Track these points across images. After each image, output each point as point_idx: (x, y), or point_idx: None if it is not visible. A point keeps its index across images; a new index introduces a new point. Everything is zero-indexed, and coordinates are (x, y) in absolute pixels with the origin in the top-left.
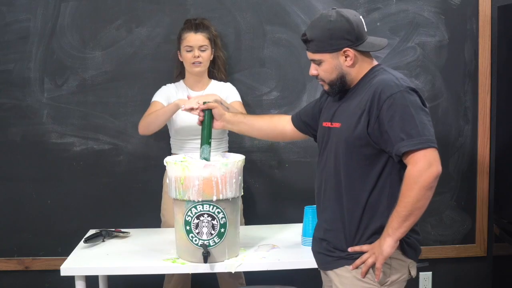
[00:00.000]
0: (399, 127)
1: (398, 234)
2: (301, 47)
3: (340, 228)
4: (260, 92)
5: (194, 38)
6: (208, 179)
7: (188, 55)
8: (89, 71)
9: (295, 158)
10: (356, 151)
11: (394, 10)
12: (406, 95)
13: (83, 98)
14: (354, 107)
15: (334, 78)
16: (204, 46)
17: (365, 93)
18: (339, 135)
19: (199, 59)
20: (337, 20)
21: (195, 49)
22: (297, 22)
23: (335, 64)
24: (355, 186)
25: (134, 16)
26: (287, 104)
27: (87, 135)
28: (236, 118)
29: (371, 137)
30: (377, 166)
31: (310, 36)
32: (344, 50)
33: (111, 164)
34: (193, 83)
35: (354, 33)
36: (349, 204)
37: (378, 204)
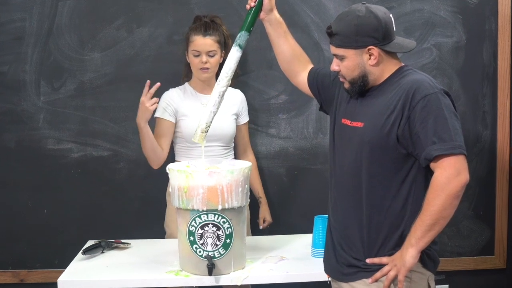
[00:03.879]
0: (432, 129)
1: (421, 244)
2: (310, 48)
3: (357, 236)
4: (268, 95)
5: (202, 43)
6: (213, 188)
7: (195, 60)
8: (88, 74)
9: (305, 165)
10: (381, 153)
11: (408, 9)
12: (441, 97)
13: (81, 102)
14: (381, 107)
15: (356, 76)
16: (213, 51)
17: (393, 93)
18: (361, 136)
19: (206, 65)
20: (366, 16)
21: (202, 55)
22: (306, 22)
23: (358, 62)
24: (377, 191)
25: (135, 15)
26: (296, 108)
27: (85, 141)
28: (282, 23)
29: (400, 139)
30: (402, 170)
31: (335, 30)
32: (369, 48)
33: (111, 172)
34: (201, 87)
35: (381, 32)
36: (369, 211)
37: (401, 211)
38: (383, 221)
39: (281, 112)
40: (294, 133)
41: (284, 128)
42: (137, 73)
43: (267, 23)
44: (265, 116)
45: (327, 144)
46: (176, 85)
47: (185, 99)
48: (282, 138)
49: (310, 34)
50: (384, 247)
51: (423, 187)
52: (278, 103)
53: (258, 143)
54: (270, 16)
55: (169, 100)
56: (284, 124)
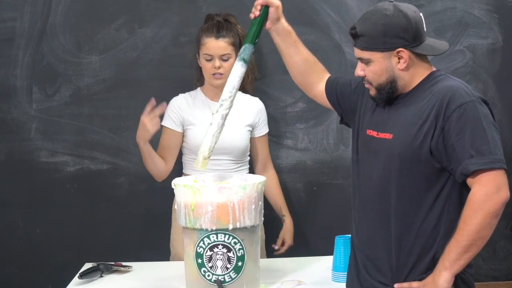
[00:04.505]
0: (469, 141)
1: (456, 267)
2: (331, 50)
3: (385, 259)
4: (284, 103)
5: (215, 46)
6: (223, 205)
7: (208, 65)
8: (85, 79)
9: (325, 180)
10: (412, 168)
11: (439, 8)
12: (478, 106)
13: (77, 110)
14: (412, 116)
15: (383, 81)
16: (227, 54)
17: (425, 101)
18: (390, 148)
19: (220, 70)
20: (394, 15)
21: (215, 59)
22: (326, 22)
23: (386, 66)
24: (407, 209)
25: (137, 14)
26: (315, 117)
27: (82, 153)
28: (291, 32)
29: (433, 152)
30: (435, 186)
31: (360, 30)
32: (398, 50)
33: (111, 187)
34: (213, 93)
35: (411, 32)
36: (398, 230)
37: (433, 231)
38: (413, 242)
39: (299, 121)
40: (312, 144)
41: (301, 139)
42: (139, 78)
43: (274, 33)
44: (281, 125)
45: (350, 157)
46: (182, 91)
47: (194, 106)
48: (300, 150)
49: (331, 35)
50: (415, 270)
51: (458, 205)
52: (295, 112)
53: (273, 156)
54: (278, 26)
55: (176, 107)
56: (301, 135)
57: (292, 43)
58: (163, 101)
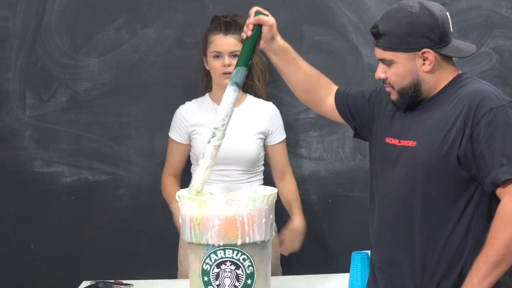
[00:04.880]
0: (500, 149)
1: (485, 284)
2: (347, 52)
3: (408, 277)
4: (296, 109)
5: (224, 42)
6: (232, 219)
7: (217, 64)
8: (83, 83)
9: (341, 191)
10: (438, 177)
11: (463, 7)
12: (509, 111)
13: (74, 116)
14: (437, 122)
15: (407, 85)
16: (237, 51)
17: (452, 106)
18: (414, 157)
19: (230, 68)
20: (420, 13)
21: (225, 56)
22: (342, 22)
23: (410, 67)
24: (433, 222)
25: (138, 14)
26: (330, 124)
27: (79, 163)
28: (287, 49)
29: (461, 160)
30: (463, 197)
31: (383, 29)
32: (423, 51)
33: (110, 199)
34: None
35: (438, 32)
36: (423, 245)
37: (460, 246)
38: (439, 258)
39: (312, 128)
40: (327, 153)
41: (315, 147)
42: (141, 82)
43: (270, 53)
44: (293, 133)
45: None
46: (188, 97)
47: (200, 114)
48: (314, 160)
49: (347, 36)
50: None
51: (487, 217)
52: (308, 118)
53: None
54: (273, 45)
55: (181, 118)
56: (315, 143)
57: (291, 61)
58: (167, 107)
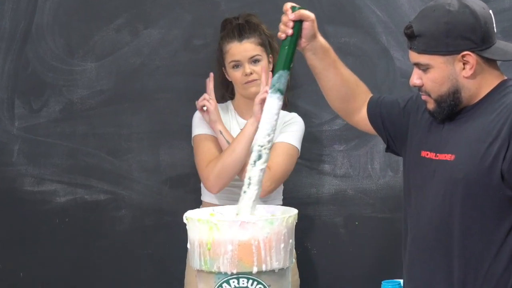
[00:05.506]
0: None
1: None
2: (377, 56)
3: None
4: (319, 120)
5: (241, 49)
6: (246, 244)
7: (237, 74)
8: (78, 90)
9: (369, 213)
10: (480, 195)
11: (508, 4)
12: None
13: (69, 128)
14: (479, 133)
15: (445, 92)
16: (257, 56)
17: (496, 115)
18: (452, 172)
19: (252, 76)
20: (459, 11)
21: (244, 64)
22: (371, 21)
23: (448, 72)
24: (473, 247)
25: (141, 12)
26: (357, 137)
27: (75, 181)
28: (329, 50)
29: (505, 176)
30: (507, 218)
31: (418, 30)
32: (463, 54)
33: (109, 221)
34: (245, 108)
35: (479, 32)
36: (461, 273)
37: (503, 275)
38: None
39: (337, 141)
40: (354, 170)
41: (341, 163)
42: (144, 89)
43: (309, 52)
44: (316, 147)
45: (400, 185)
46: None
47: (224, 120)
48: (339, 177)
49: (376, 37)
50: None
51: None
52: (333, 130)
53: (306, 183)
54: (314, 44)
55: None
56: (341, 158)
57: (330, 63)
58: (172, 117)
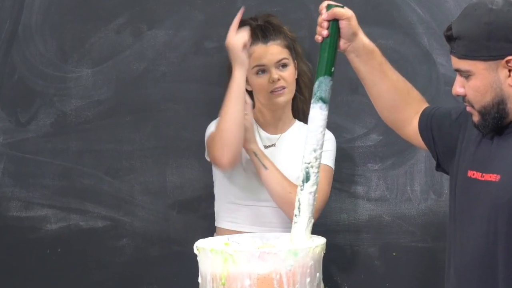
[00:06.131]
0: None
1: None
2: (417, 61)
3: None
4: (351, 134)
5: (267, 52)
6: (267, 278)
7: (262, 81)
8: (73, 101)
9: (408, 242)
10: None
11: None
12: None
13: (62, 144)
14: None
15: (488, 102)
16: (284, 59)
17: None
18: (497, 194)
19: (280, 83)
20: (503, 10)
21: (271, 69)
22: (411, 21)
23: (491, 80)
24: None
25: (145, 10)
26: (395, 154)
27: (68, 205)
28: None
29: None
30: None
31: (457, 31)
32: (508, 59)
33: (108, 252)
34: (268, 120)
35: None
36: None
37: None
38: None
39: (372, 159)
40: (391, 192)
41: (376, 184)
42: (149, 99)
43: (351, 54)
44: (347, 166)
45: (444, 210)
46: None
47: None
48: (374, 201)
49: (417, 39)
50: None
51: None
52: (367, 146)
53: (335, 208)
54: (356, 44)
55: None
56: (376, 179)
57: (376, 66)
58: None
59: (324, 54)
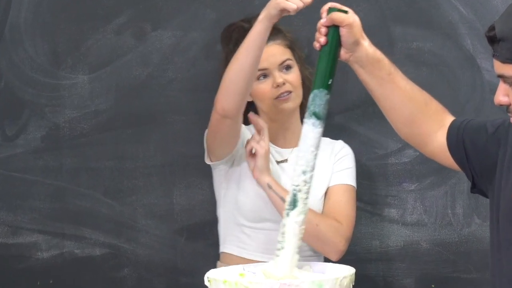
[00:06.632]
0: None
1: None
2: (459, 65)
3: None
4: (384, 150)
5: (268, 53)
6: None
7: (264, 87)
8: (66, 111)
9: (449, 272)
10: None
11: None
12: None
13: (54, 160)
14: None
15: None
16: (287, 61)
17: None
18: None
19: (285, 87)
20: None
21: (273, 72)
22: (452, 20)
23: None
24: None
25: (149, 8)
26: (434, 173)
27: (62, 230)
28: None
29: None
30: None
31: (501, 32)
32: None
33: (108, 284)
34: (275, 132)
35: None
36: None
37: None
38: None
39: (408, 178)
40: (430, 216)
41: (412, 207)
42: (153, 110)
43: (355, 65)
44: (379, 186)
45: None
46: None
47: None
48: (410, 225)
49: (459, 41)
50: None
51: None
52: (401, 163)
53: (366, 234)
54: (358, 54)
55: None
56: (412, 201)
57: (385, 77)
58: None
59: (321, 64)
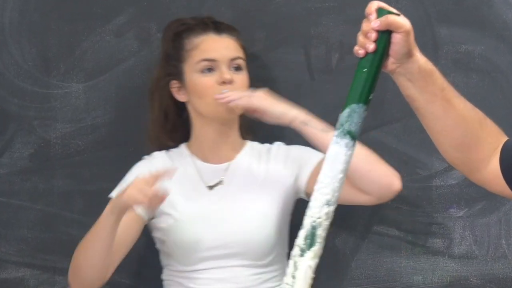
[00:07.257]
0: None
1: None
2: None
3: None
4: (427, 170)
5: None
6: None
7: (208, 81)
8: (58, 125)
9: None
10: None
11: None
12: None
13: (44, 182)
14: None
15: None
16: (239, 59)
17: None
18: None
19: (232, 86)
20: None
21: (221, 66)
22: (506, 19)
23: None
24: None
25: (153, 7)
26: (486, 197)
27: (53, 264)
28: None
29: None
30: None
31: None
32: None
33: None
34: (209, 144)
35: None
36: None
37: None
38: None
39: (455, 203)
40: (481, 247)
41: (460, 236)
42: None
43: (401, 78)
44: (422, 212)
45: None
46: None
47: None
48: (457, 258)
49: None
50: None
51: None
52: (447, 186)
53: (407, 267)
54: (409, 66)
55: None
56: (460, 229)
57: (437, 94)
58: None
59: (362, 74)
